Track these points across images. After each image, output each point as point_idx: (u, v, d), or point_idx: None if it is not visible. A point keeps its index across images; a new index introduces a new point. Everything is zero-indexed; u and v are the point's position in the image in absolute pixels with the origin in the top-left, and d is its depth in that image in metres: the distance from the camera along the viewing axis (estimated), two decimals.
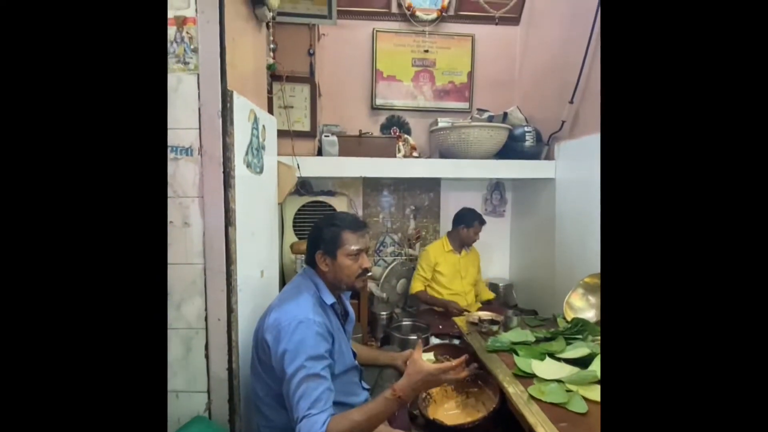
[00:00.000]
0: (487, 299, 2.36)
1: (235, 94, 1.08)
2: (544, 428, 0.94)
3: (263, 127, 1.33)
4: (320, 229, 1.11)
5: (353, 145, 2.08)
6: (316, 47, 2.05)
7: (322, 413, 0.86)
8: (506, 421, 1.12)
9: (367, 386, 1.21)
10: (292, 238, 2.15)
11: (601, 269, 0.53)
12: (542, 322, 1.65)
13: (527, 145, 2.11)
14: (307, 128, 1.99)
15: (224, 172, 1.06)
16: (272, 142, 1.48)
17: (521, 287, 2.53)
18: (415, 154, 2.32)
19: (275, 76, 1.83)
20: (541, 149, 2.16)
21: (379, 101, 2.48)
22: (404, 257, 2.54)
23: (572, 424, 0.96)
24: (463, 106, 2.54)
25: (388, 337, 1.98)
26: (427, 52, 2.48)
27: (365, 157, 2.03)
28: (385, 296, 2.29)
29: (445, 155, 2.19)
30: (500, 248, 2.68)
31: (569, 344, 1.33)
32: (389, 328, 2.02)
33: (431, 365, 0.95)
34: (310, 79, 1.99)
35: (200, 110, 1.04)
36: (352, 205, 2.46)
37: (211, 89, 1.04)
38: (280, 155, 1.64)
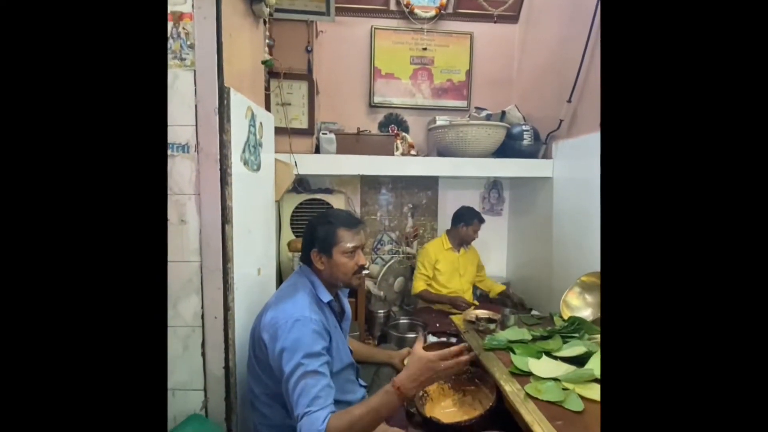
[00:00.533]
0: (500, 291, 2.32)
1: (232, 90, 1.07)
2: (540, 426, 0.95)
3: (260, 124, 1.32)
4: (315, 227, 1.10)
5: (351, 142, 2.07)
6: (314, 44, 2.04)
7: (322, 410, 0.85)
8: (503, 419, 1.13)
9: (364, 383, 1.21)
10: (289, 235, 2.14)
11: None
12: (539, 320, 1.66)
13: (525, 143, 2.11)
14: (304, 126, 1.98)
15: (221, 169, 1.05)
16: (269, 139, 1.47)
17: (518, 286, 2.53)
18: (413, 152, 2.32)
19: (273, 73, 1.82)
20: (538, 148, 2.16)
21: (377, 99, 2.47)
22: (402, 255, 2.54)
23: (568, 422, 0.96)
24: (461, 104, 2.54)
25: (385, 335, 1.98)
26: (425, 50, 2.48)
27: (363, 155, 2.02)
28: (382, 294, 2.29)
29: (443, 153, 2.19)
30: (497, 247, 2.68)
31: (566, 343, 1.34)
32: (386, 326, 2.02)
33: (430, 353, 0.93)
34: (308, 76, 1.99)
35: (197, 107, 1.03)
36: (349, 203, 2.46)
37: (207, 86, 1.03)
38: (277, 153, 1.63)
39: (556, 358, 1.26)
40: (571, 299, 1.67)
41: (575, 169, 1.95)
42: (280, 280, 1.99)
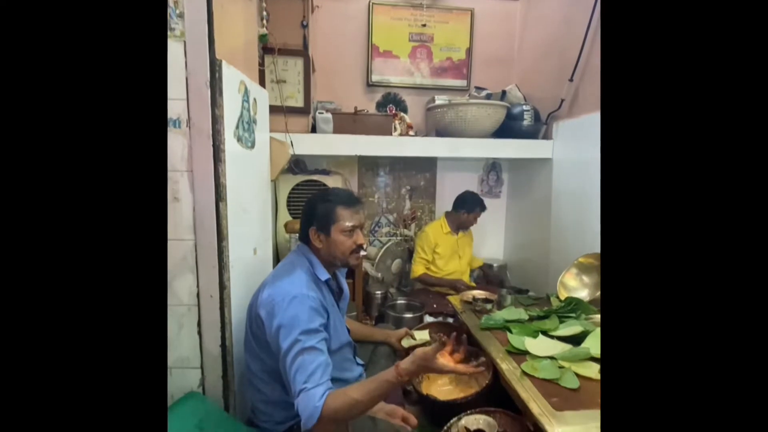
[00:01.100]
0: (477, 266, 2.46)
1: (224, 63, 1.03)
2: (536, 403, 0.95)
3: (254, 100, 1.28)
4: (314, 204, 1.08)
5: (348, 122, 2.03)
6: (309, 20, 1.97)
7: (319, 386, 0.85)
8: (499, 396, 1.14)
9: (361, 362, 1.22)
10: (286, 217, 2.12)
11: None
12: (536, 301, 1.66)
13: (525, 124, 2.08)
14: (300, 104, 1.94)
15: (214, 145, 1.02)
16: (264, 116, 1.43)
17: (515, 268, 2.54)
18: (411, 132, 2.28)
19: (267, 48, 1.76)
20: (539, 128, 2.13)
21: (375, 78, 2.42)
22: (399, 238, 2.54)
23: (564, 399, 0.97)
24: (460, 83, 2.49)
25: (383, 315, 1.99)
26: (424, 26, 2.41)
27: (360, 134, 1.98)
28: (380, 276, 2.30)
29: (441, 134, 2.15)
30: (495, 229, 2.68)
31: (562, 322, 1.34)
32: (384, 306, 2.03)
33: (440, 359, 0.94)
34: (303, 52, 1.93)
35: (187, 80, 0.99)
36: (347, 184, 2.43)
37: (198, 58, 0.99)
38: (272, 132, 1.60)
39: (552, 337, 1.26)
40: (568, 280, 1.68)
41: (575, 149, 1.92)
42: (277, 261, 1.97)
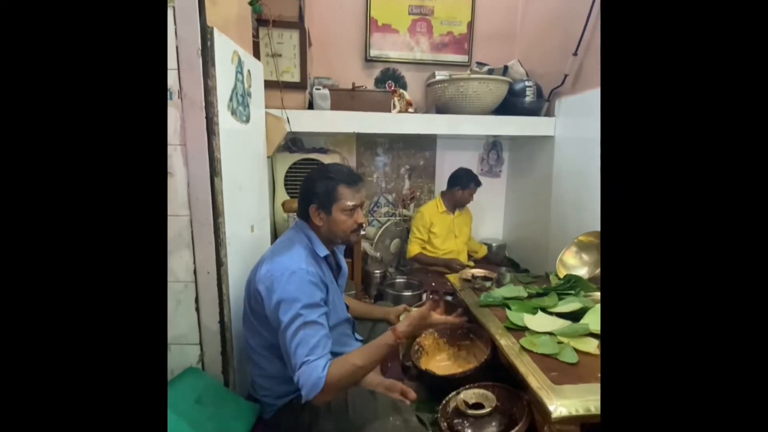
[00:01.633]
0: (483, 255, 2.41)
1: (216, 31, 0.98)
2: (535, 377, 0.96)
3: (248, 72, 1.24)
4: (314, 181, 1.06)
5: (346, 99, 1.98)
6: None
7: (321, 358, 0.86)
8: (497, 372, 1.14)
9: (360, 338, 1.22)
10: (283, 196, 2.10)
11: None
12: (534, 279, 1.66)
13: (527, 100, 2.03)
14: (296, 79, 1.88)
15: (207, 118, 0.99)
16: (259, 90, 1.39)
17: (514, 247, 2.54)
18: (410, 109, 2.23)
19: (261, 20, 1.70)
20: (541, 105, 2.08)
21: (373, 53, 2.35)
22: (398, 217, 2.52)
23: (562, 373, 0.97)
24: (461, 59, 2.42)
25: (381, 294, 2.00)
26: None
27: (359, 111, 1.94)
28: (378, 256, 2.29)
29: (442, 111, 2.11)
30: (495, 209, 2.66)
31: (561, 299, 1.34)
32: (383, 285, 2.03)
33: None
34: (299, 24, 1.86)
35: (178, 48, 0.95)
36: (345, 163, 2.40)
37: (188, 24, 0.95)
38: (268, 108, 1.55)
39: (551, 313, 1.27)
40: (567, 258, 1.67)
41: (578, 127, 1.89)
42: (275, 239, 1.96)
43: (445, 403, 1.08)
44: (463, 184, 2.15)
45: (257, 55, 1.65)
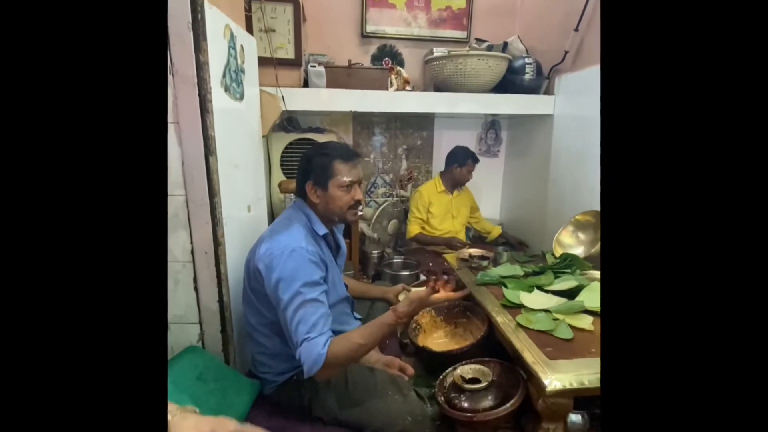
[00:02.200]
0: (498, 235, 2.38)
1: (206, 3, 0.95)
2: (530, 352, 0.97)
3: (241, 47, 1.20)
4: (310, 158, 1.05)
5: (342, 76, 1.94)
6: None
7: (321, 336, 0.87)
8: (493, 349, 1.16)
9: (359, 316, 1.24)
10: (279, 176, 2.08)
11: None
12: (531, 258, 1.67)
13: (527, 78, 2.00)
14: (291, 56, 1.83)
15: (200, 95, 0.96)
16: (252, 66, 1.35)
17: (512, 227, 2.55)
18: (408, 87, 2.18)
19: None
20: (541, 83, 2.05)
21: (369, 28, 2.28)
22: (396, 198, 2.51)
23: (557, 348, 0.99)
24: (460, 35, 2.36)
25: (379, 274, 2.01)
26: None
27: (355, 89, 1.90)
28: (376, 236, 2.29)
29: (440, 89, 2.07)
30: (492, 189, 2.66)
31: (557, 278, 1.35)
32: (381, 266, 2.04)
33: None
34: None
35: (168, 21, 0.91)
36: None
37: None
38: (262, 86, 1.52)
39: (547, 291, 1.28)
40: (564, 238, 1.68)
41: (578, 105, 1.86)
42: (271, 220, 1.95)
43: (442, 378, 1.10)
44: (460, 160, 2.13)
45: (250, 30, 1.59)
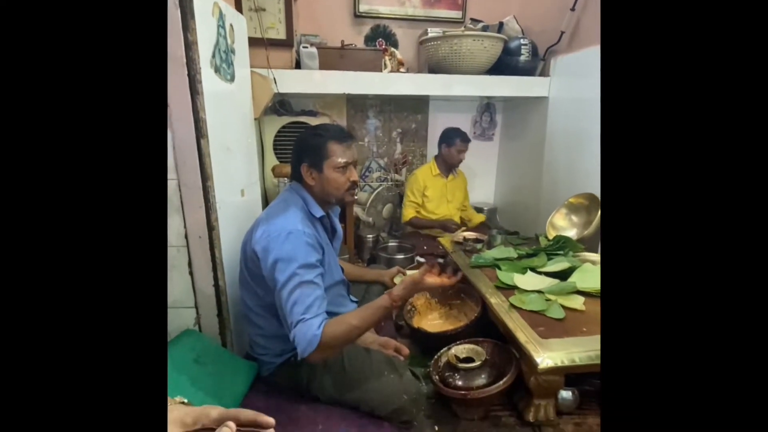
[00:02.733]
0: (479, 222, 2.38)
1: None
2: (523, 332, 1.00)
3: (231, 26, 1.16)
4: (304, 140, 1.05)
5: (335, 58, 1.90)
6: None
7: (316, 317, 0.87)
8: (486, 330, 1.19)
9: (355, 299, 1.25)
10: (273, 160, 2.05)
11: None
12: (525, 240, 1.69)
13: (522, 59, 1.97)
14: (282, 36, 1.79)
15: (189, 75, 0.94)
16: (243, 47, 1.32)
17: (506, 211, 2.56)
18: (402, 69, 2.15)
19: None
20: (536, 65, 2.03)
21: (363, 8, 2.22)
22: (390, 182, 2.50)
23: (550, 328, 1.01)
24: (455, 15, 2.31)
25: (374, 258, 2.02)
26: None
27: (348, 71, 1.86)
28: (371, 221, 2.30)
29: (434, 70, 2.04)
30: (486, 172, 2.66)
31: (550, 259, 1.37)
32: (375, 249, 2.05)
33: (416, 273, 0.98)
34: None
35: None
36: None
37: None
38: (253, 67, 1.48)
39: (540, 273, 1.30)
40: (557, 220, 1.70)
41: (573, 87, 1.85)
42: (265, 205, 1.94)
43: (437, 357, 1.12)
44: (447, 140, 2.13)
45: (239, 8, 1.55)
